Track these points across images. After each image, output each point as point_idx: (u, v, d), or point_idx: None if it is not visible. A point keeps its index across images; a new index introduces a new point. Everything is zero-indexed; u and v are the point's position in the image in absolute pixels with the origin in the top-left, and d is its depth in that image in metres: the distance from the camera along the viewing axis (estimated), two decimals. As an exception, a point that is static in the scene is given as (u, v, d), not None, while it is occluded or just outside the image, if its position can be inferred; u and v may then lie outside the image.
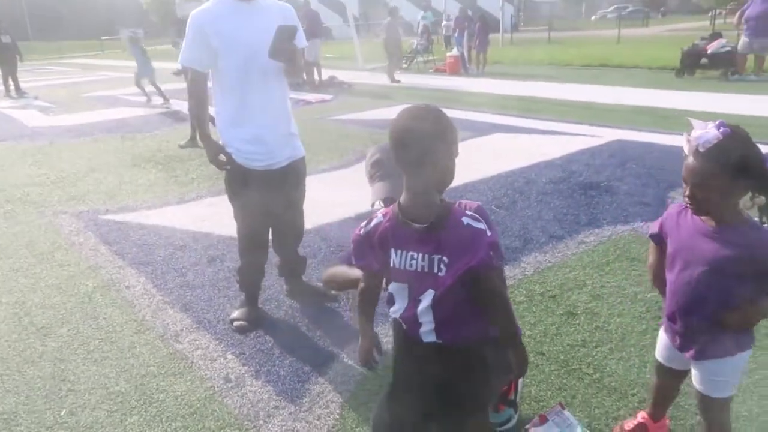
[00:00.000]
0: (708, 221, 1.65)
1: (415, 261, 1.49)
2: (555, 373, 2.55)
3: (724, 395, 1.78)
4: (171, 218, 4.90)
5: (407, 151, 1.46)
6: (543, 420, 2.20)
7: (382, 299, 1.72)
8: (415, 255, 1.49)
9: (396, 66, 15.16)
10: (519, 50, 21.99)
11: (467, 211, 1.49)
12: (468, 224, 1.46)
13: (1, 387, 2.68)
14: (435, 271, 1.48)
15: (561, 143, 6.88)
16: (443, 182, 1.51)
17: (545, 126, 7.99)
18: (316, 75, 13.80)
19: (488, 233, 1.46)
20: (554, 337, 2.83)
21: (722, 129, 1.54)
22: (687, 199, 1.65)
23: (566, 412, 2.22)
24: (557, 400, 2.34)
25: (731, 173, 1.53)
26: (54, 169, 6.84)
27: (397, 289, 1.58)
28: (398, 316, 1.60)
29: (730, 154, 1.52)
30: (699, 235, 1.65)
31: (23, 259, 4.17)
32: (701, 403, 1.83)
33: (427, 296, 1.51)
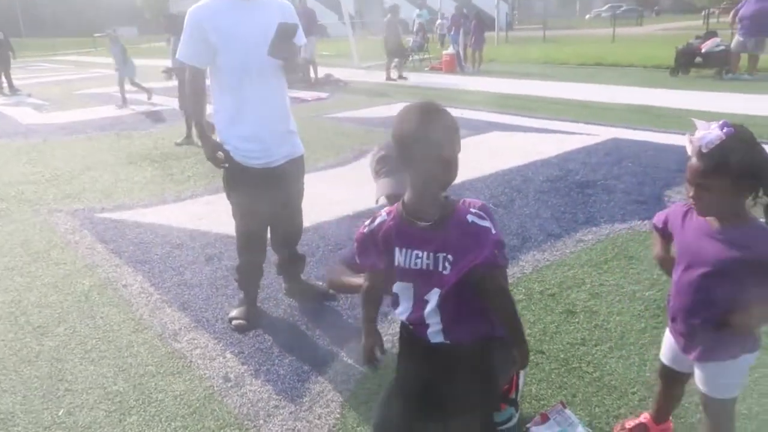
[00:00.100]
0: (713, 222, 1.62)
1: (420, 259, 1.48)
2: (555, 372, 2.54)
3: (728, 396, 1.76)
4: (168, 216, 4.87)
5: (412, 149, 1.45)
6: (544, 419, 2.20)
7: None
8: (420, 253, 1.48)
9: (402, 62, 15.12)
10: (514, 49, 22.02)
11: (472, 209, 1.48)
12: (473, 222, 1.45)
13: (-2, 387, 2.66)
14: (440, 270, 1.47)
15: (557, 141, 6.90)
16: (447, 179, 1.49)
17: (541, 124, 8.01)
18: (312, 73, 13.77)
19: (493, 231, 1.45)
20: (554, 336, 2.83)
21: (725, 129, 1.51)
22: (691, 200, 1.62)
23: (567, 411, 2.22)
24: (558, 399, 2.34)
25: (735, 174, 1.50)
26: (49, 167, 6.79)
27: (402, 289, 1.57)
28: (405, 318, 1.58)
29: (734, 155, 1.49)
30: (703, 236, 1.63)
31: (18, 258, 4.14)
32: (704, 403, 1.81)
33: (434, 296, 1.50)
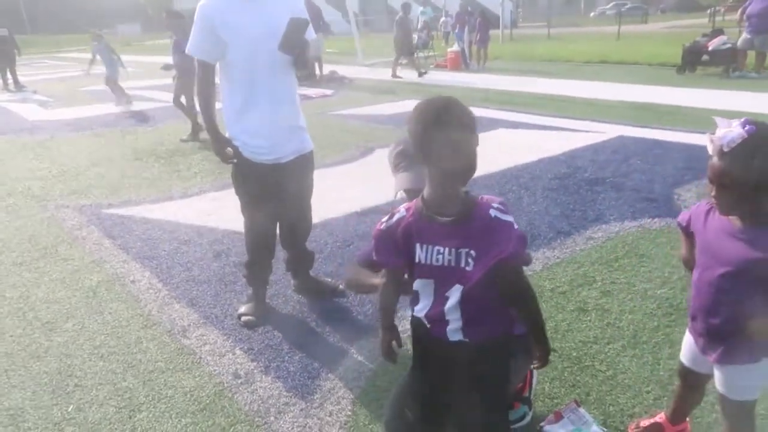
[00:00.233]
0: (735, 221, 1.59)
1: (442, 255, 1.46)
2: (568, 370, 2.52)
3: (747, 398, 1.73)
4: (175, 212, 4.86)
5: (429, 144, 1.42)
6: (558, 417, 2.19)
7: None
8: (441, 249, 1.46)
9: (414, 59, 15.06)
10: (519, 46, 21.95)
11: (493, 204, 1.46)
12: (496, 217, 1.43)
13: (7, 382, 2.65)
14: (462, 266, 1.45)
15: (564, 139, 6.87)
16: (467, 174, 1.47)
17: (547, 121, 7.97)
18: (317, 70, 13.74)
19: (515, 226, 1.43)
20: (566, 334, 2.81)
21: (747, 127, 1.47)
22: (713, 200, 1.60)
23: (581, 410, 2.20)
24: (571, 397, 2.32)
25: (758, 172, 1.47)
26: (55, 163, 6.79)
27: (423, 286, 1.54)
28: (423, 315, 1.56)
29: (757, 153, 1.46)
30: (725, 235, 1.60)
31: (26, 254, 4.13)
32: (722, 403, 1.78)
33: (455, 292, 1.48)
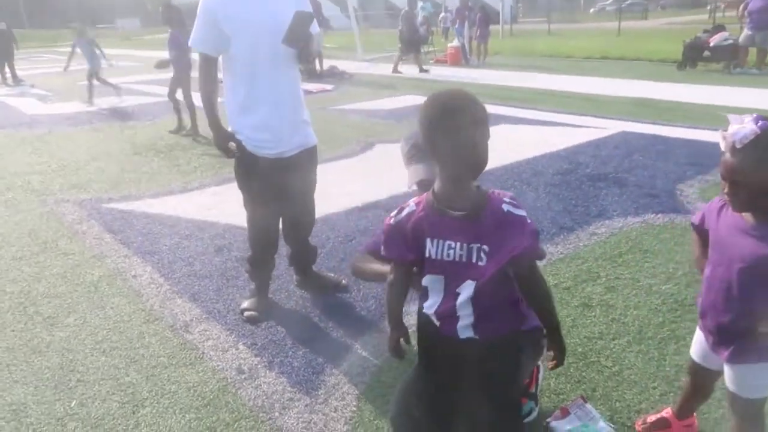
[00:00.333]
0: (748, 218, 1.58)
1: (453, 250, 1.44)
2: (574, 366, 2.51)
3: (757, 396, 1.71)
4: (175, 207, 4.84)
5: (440, 137, 1.40)
6: (564, 413, 2.17)
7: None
8: (453, 244, 1.44)
9: (419, 54, 15.00)
10: (519, 42, 21.87)
11: (505, 199, 1.44)
12: (509, 211, 1.41)
13: (9, 377, 2.63)
14: (474, 261, 1.43)
15: (566, 134, 6.85)
16: (479, 167, 1.45)
17: (548, 117, 7.95)
18: (318, 65, 13.69)
19: (528, 221, 1.41)
20: (571, 330, 2.79)
21: (760, 123, 1.47)
22: (726, 196, 1.58)
23: (588, 405, 2.19)
24: (577, 393, 2.31)
25: None
26: (54, 157, 6.76)
27: (433, 282, 1.52)
28: (432, 312, 1.54)
29: None
30: (737, 232, 1.59)
31: (26, 248, 4.11)
32: (730, 400, 1.76)
33: (467, 288, 1.46)
